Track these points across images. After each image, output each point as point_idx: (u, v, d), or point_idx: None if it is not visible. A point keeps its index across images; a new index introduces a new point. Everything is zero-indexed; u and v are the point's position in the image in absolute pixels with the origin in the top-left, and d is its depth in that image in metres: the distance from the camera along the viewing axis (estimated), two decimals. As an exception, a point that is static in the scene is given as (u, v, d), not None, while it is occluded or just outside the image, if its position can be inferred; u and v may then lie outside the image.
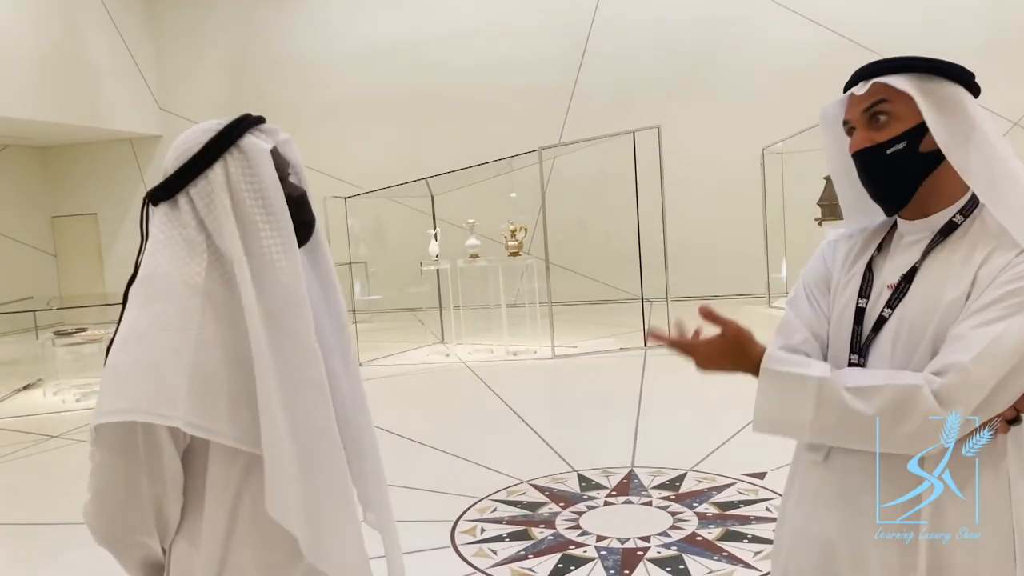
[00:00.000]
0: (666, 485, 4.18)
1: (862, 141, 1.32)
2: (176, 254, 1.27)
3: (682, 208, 10.32)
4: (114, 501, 1.27)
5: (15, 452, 5.83)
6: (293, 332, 1.27)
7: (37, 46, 11.55)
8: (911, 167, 1.30)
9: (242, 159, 1.28)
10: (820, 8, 11.09)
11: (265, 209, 1.27)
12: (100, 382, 1.27)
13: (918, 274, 1.30)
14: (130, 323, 1.26)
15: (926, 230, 1.33)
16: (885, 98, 1.30)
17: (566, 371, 7.68)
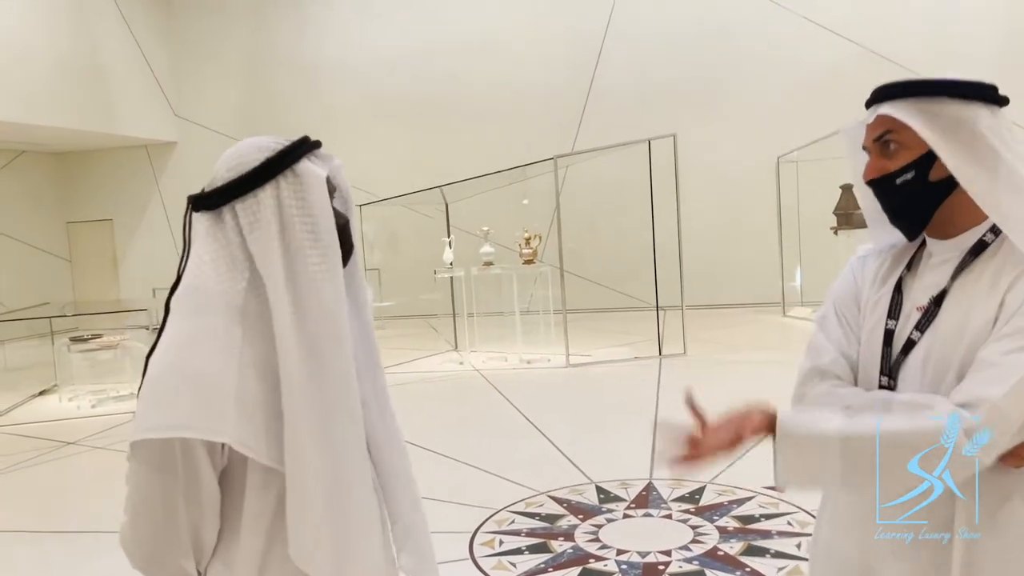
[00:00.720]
0: (686, 498, 4.14)
1: (873, 171, 1.32)
2: (219, 269, 1.26)
3: (697, 216, 10.29)
4: (151, 523, 1.25)
5: (31, 458, 5.84)
6: (330, 357, 1.25)
7: (54, 52, 11.63)
8: (922, 196, 1.29)
9: (296, 183, 1.26)
10: (836, 17, 11.04)
11: (314, 235, 1.25)
12: (140, 395, 1.24)
13: (947, 297, 1.28)
14: (173, 334, 1.24)
15: (955, 250, 1.30)
16: (891, 128, 1.29)
17: (580, 380, 7.65)
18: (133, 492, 1.25)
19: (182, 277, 1.29)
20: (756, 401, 1.31)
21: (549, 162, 8.54)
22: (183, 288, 1.28)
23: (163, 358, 1.23)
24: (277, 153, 1.27)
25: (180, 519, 1.24)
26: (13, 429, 6.81)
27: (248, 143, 1.31)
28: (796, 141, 10.06)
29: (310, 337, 1.23)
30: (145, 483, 1.23)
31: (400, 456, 1.49)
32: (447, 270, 9.14)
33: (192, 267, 1.28)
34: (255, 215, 1.25)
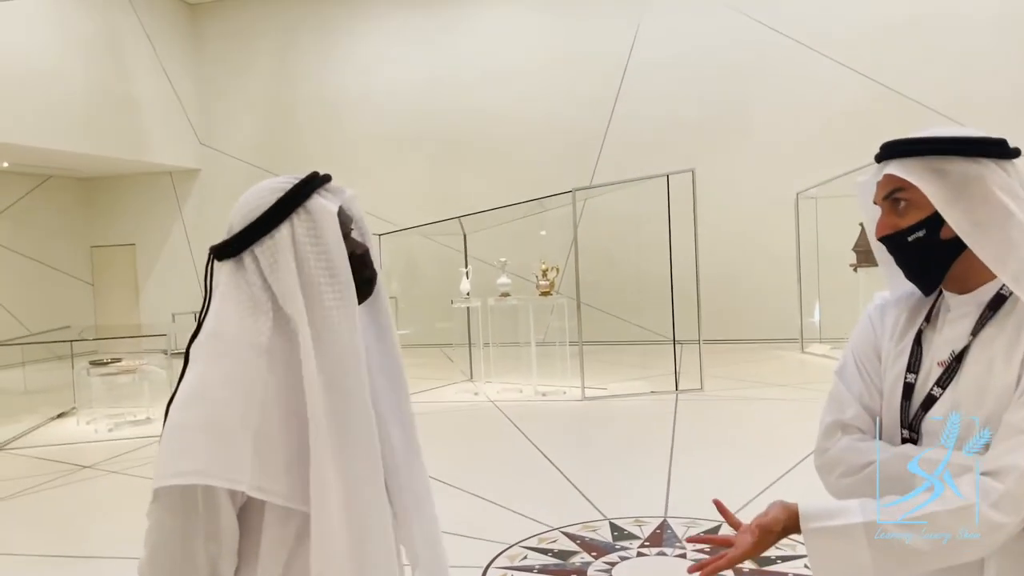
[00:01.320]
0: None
1: (885, 227, 1.32)
2: (242, 313, 1.28)
3: (715, 251, 10.27)
4: (170, 560, 1.26)
5: (48, 481, 5.87)
6: (350, 394, 1.27)
7: (84, 80, 11.91)
8: (935, 254, 1.28)
9: (308, 220, 1.28)
10: (857, 55, 11.09)
11: (329, 271, 1.27)
12: (162, 441, 1.26)
13: (969, 354, 1.26)
14: (194, 381, 1.26)
15: (973, 304, 1.29)
16: (900, 186, 1.28)
17: (596, 413, 7.60)
18: (153, 529, 1.26)
19: (202, 325, 1.31)
20: (776, 502, 1.32)
21: (568, 195, 8.59)
22: (204, 335, 1.30)
23: (183, 405, 1.25)
24: (287, 192, 1.29)
25: (199, 557, 1.25)
26: (31, 451, 6.86)
27: (259, 187, 1.34)
28: (816, 177, 10.06)
29: (331, 375, 1.25)
30: (166, 523, 1.25)
31: (425, 491, 1.50)
32: (464, 300, 9.17)
33: (213, 313, 1.30)
34: (274, 256, 1.27)
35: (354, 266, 1.33)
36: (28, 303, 13.09)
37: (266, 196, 1.30)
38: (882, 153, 1.33)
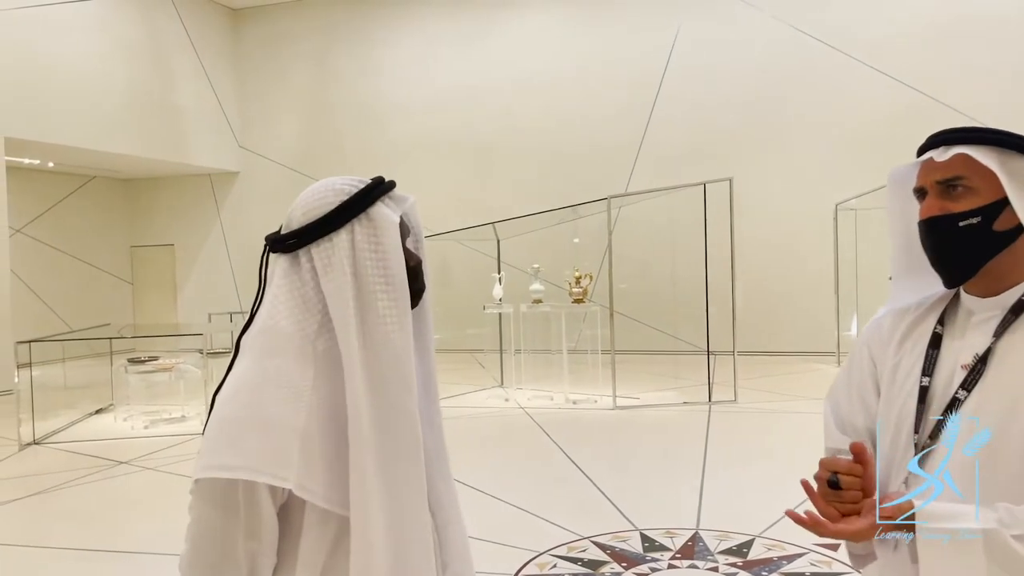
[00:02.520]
0: (733, 551, 4.02)
1: (934, 208, 1.27)
2: (294, 311, 1.27)
3: (752, 261, 10.16)
4: (210, 555, 1.26)
5: (85, 476, 5.97)
6: (397, 400, 1.26)
7: (128, 84, 12.17)
8: (982, 244, 1.25)
9: (370, 228, 1.28)
10: (899, 64, 10.91)
11: (386, 279, 1.26)
12: (207, 432, 1.25)
13: (994, 356, 1.24)
14: (243, 374, 1.26)
15: (997, 308, 1.27)
16: (963, 174, 1.25)
17: (627, 423, 7.54)
18: (194, 524, 1.26)
19: (255, 317, 1.31)
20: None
21: (602, 202, 8.55)
22: (256, 328, 1.29)
23: (232, 398, 1.25)
24: (352, 197, 1.28)
25: (238, 553, 1.25)
26: (69, 446, 6.99)
27: (324, 185, 1.32)
28: (856, 188, 9.90)
29: (378, 381, 1.24)
30: (206, 517, 1.25)
31: (452, 496, 1.48)
32: (496, 306, 9.16)
33: (267, 308, 1.29)
34: (329, 259, 1.26)
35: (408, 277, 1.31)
36: (70, 301, 13.38)
37: (329, 197, 1.29)
38: (941, 138, 1.29)
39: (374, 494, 1.23)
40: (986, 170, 1.24)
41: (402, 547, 1.26)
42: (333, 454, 1.24)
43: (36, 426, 7.24)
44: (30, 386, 7.32)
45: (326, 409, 1.24)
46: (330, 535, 1.26)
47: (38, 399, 7.46)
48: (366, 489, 1.22)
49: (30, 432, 7.15)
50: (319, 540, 1.26)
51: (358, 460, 1.22)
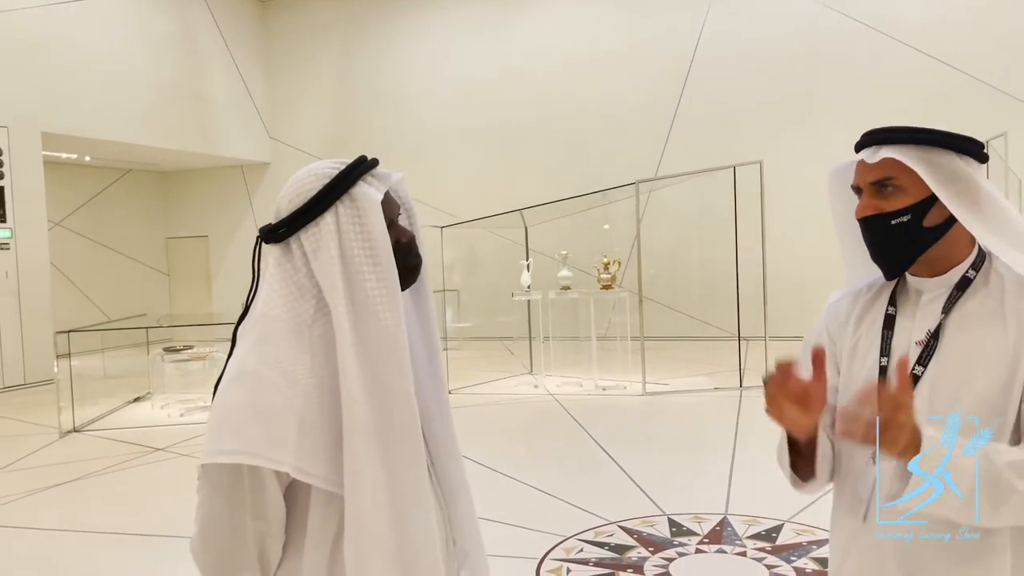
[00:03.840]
0: (762, 535, 4.00)
1: (869, 208, 1.36)
2: (288, 298, 1.29)
3: (783, 244, 10.02)
4: (219, 536, 1.29)
5: (123, 463, 6.11)
6: (391, 380, 1.26)
7: (163, 78, 12.35)
8: (914, 239, 1.34)
9: (353, 208, 1.28)
10: (934, 40, 10.64)
11: (372, 259, 1.27)
12: (209, 420, 1.29)
13: (945, 331, 1.33)
14: (241, 362, 1.28)
15: (943, 286, 1.36)
16: (892, 175, 1.33)
17: (657, 409, 7.51)
18: (202, 507, 1.29)
19: (250, 307, 1.33)
20: None
21: (631, 187, 8.49)
22: (252, 318, 1.32)
23: (230, 385, 1.27)
24: (332, 179, 1.29)
25: (246, 534, 1.28)
26: (108, 433, 7.16)
27: (307, 171, 1.34)
28: (890, 169, 9.70)
29: (371, 362, 1.25)
30: (213, 500, 1.28)
31: (461, 474, 1.49)
32: (525, 293, 9.16)
33: (262, 297, 1.31)
34: (317, 243, 1.28)
35: (400, 253, 1.33)
36: (108, 292, 13.65)
37: (312, 182, 1.30)
38: (871, 139, 1.37)
39: (370, 475, 1.23)
40: (912, 170, 1.32)
41: (404, 526, 1.27)
42: (334, 437, 1.25)
43: (76, 414, 7.41)
44: (69, 375, 7.50)
45: (325, 393, 1.25)
46: (337, 515, 1.27)
47: (78, 388, 7.63)
48: (360, 470, 1.23)
49: (70, 420, 7.32)
50: (326, 519, 1.28)
51: (352, 441, 1.23)
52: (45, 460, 6.40)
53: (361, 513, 1.24)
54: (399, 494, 1.27)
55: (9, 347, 10.12)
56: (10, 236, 10.21)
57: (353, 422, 1.23)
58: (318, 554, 1.29)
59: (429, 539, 1.31)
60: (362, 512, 1.24)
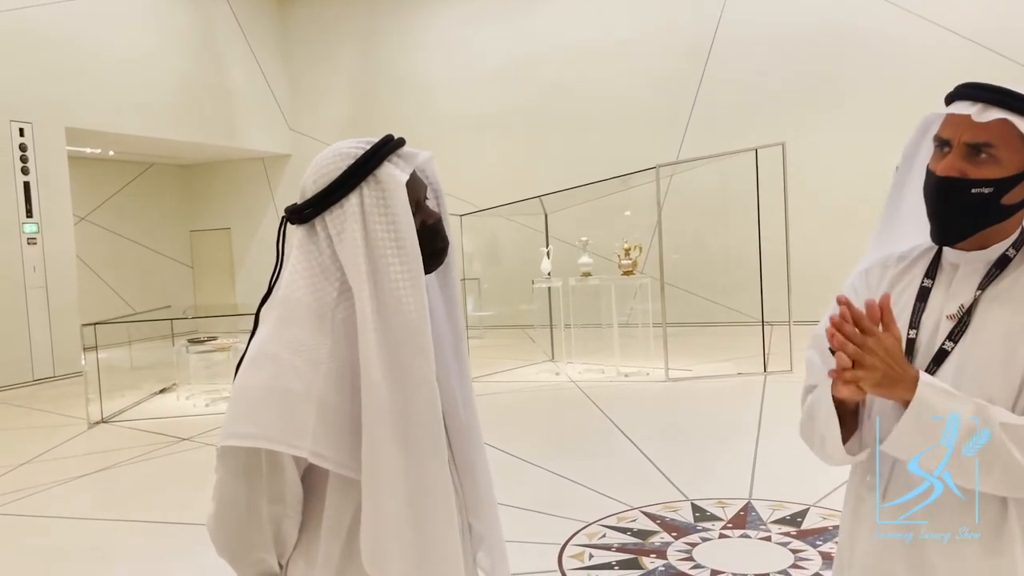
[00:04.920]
0: (787, 520, 3.96)
1: (951, 168, 1.26)
2: (313, 280, 1.27)
3: (806, 228, 9.89)
4: (235, 517, 1.28)
5: (150, 452, 6.19)
6: (412, 367, 1.24)
7: (184, 72, 12.42)
8: (986, 213, 1.27)
9: (378, 190, 1.26)
10: (961, 17, 10.42)
11: (396, 242, 1.24)
12: (229, 401, 1.28)
13: (978, 308, 1.27)
14: (262, 344, 1.27)
15: (982, 261, 1.31)
16: (993, 142, 1.23)
17: (680, 395, 7.47)
18: (219, 488, 1.29)
19: (273, 288, 1.32)
20: None
21: (651, 171, 8.41)
22: (275, 299, 1.30)
23: (250, 368, 1.26)
24: (357, 160, 1.27)
25: (263, 516, 1.27)
26: (135, 424, 7.25)
27: (332, 150, 1.31)
28: (915, 150, 9.53)
29: (392, 347, 1.23)
30: (231, 482, 1.28)
31: (482, 459, 1.48)
32: (545, 280, 9.13)
33: (286, 278, 1.30)
34: (341, 224, 1.25)
35: (426, 236, 1.30)
36: (134, 285, 13.81)
37: (337, 163, 1.28)
38: (979, 94, 1.26)
39: (388, 462, 1.22)
40: (1016, 141, 1.22)
41: (421, 513, 1.26)
42: (353, 422, 1.23)
43: (104, 405, 7.52)
44: (96, 367, 7.60)
45: (346, 377, 1.24)
46: (354, 500, 1.26)
47: (105, 380, 7.74)
48: (379, 456, 1.22)
49: (98, 411, 7.42)
50: (343, 504, 1.27)
51: (371, 427, 1.22)
52: (74, 451, 6.50)
53: (378, 499, 1.23)
54: (417, 481, 1.25)
55: (38, 340, 10.26)
56: (36, 231, 10.34)
57: (373, 408, 1.22)
58: (334, 538, 1.28)
59: (448, 527, 1.29)
60: (379, 498, 1.23)
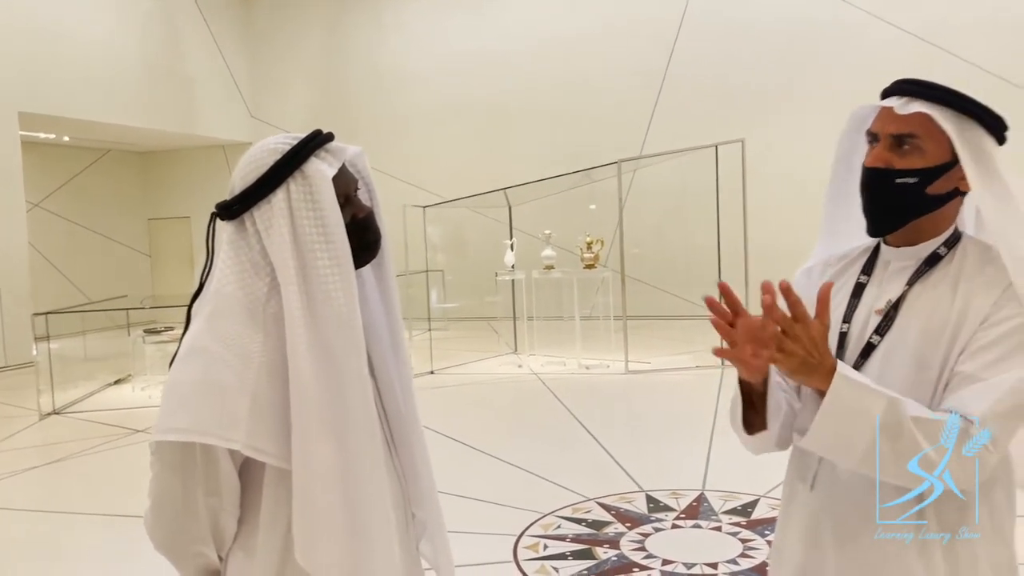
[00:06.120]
0: (738, 511, 4.03)
1: (880, 160, 1.31)
2: (242, 275, 1.27)
3: (765, 223, 10.03)
4: (172, 511, 1.28)
5: (103, 444, 6.09)
6: (343, 361, 1.25)
7: (140, 56, 12.17)
8: (913, 203, 1.30)
9: (305, 185, 1.26)
10: (913, 16, 10.63)
11: (324, 237, 1.25)
12: (162, 396, 1.28)
13: (905, 302, 1.31)
14: (193, 339, 1.27)
15: (913, 258, 1.34)
16: (917, 132, 1.28)
17: (639, 387, 7.55)
18: (154, 483, 1.29)
19: (205, 284, 1.32)
20: None
21: (614, 166, 8.46)
22: (206, 294, 1.30)
23: (183, 363, 1.26)
24: (284, 155, 1.27)
25: (199, 509, 1.27)
26: (88, 416, 7.12)
27: (260, 146, 1.31)
28: (872, 148, 9.72)
29: (323, 341, 1.23)
30: (166, 477, 1.27)
31: (422, 448, 1.49)
32: (508, 273, 9.15)
33: (216, 274, 1.30)
34: (269, 219, 1.26)
35: (357, 229, 1.31)
36: (89, 274, 13.54)
37: (265, 158, 1.28)
38: (905, 88, 1.31)
39: (318, 453, 1.22)
40: (940, 133, 1.26)
41: (355, 503, 1.26)
42: (287, 415, 1.23)
43: (56, 396, 7.37)
44: (48, 357, 7.44)
45: (278, 371, 1.24)
46: (291, 493, 1.26)
47: (58, 370, 7.59)
48: (309, 448, 1.22)
49: (50, 402, 7.28)
50: (280, 497, 1.27)
51: (301, 419, 1.22)
52: (24, 442, 6.38)
53: (309, 493, 1.23)
54: (351, 472, 1.25)
55: (-11, 329, 10.03)
56: (-13, 217, 10.09)
57: (302, 400, 1.22)
58: (273, 531, 1.29)
59: (383, 516, 1.30)
60: (310, 492, 1.23)
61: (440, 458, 1.58)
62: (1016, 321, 1.22)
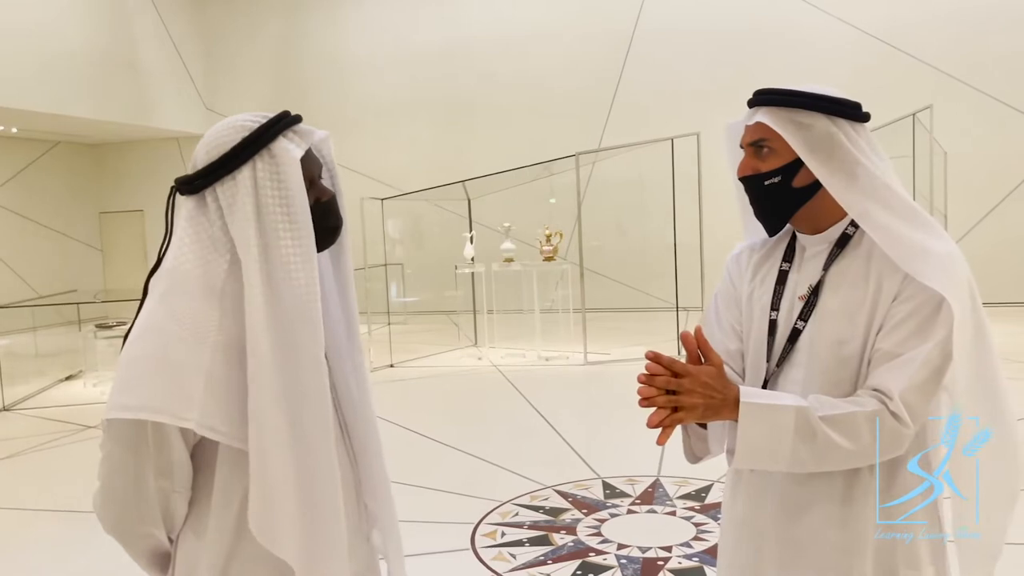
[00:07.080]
0: (692, 496, 4.12)
1: (746, 168, 1.44)
2: (201, 251, 1.26)
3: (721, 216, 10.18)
4: (121, 493, 1.27)
5: (54, 441, 5.98)
6: (301, 342, 1.25)
7: (89, 45, 11.86)
8: (785, 200, 1.40)
9: (272, 164, 1.25)
10: (867, 16, 10.88)
11: (289, 217, 1.24)
12: (115, 373, 1.26)
13: (824, 286, 1.39)
14: (148, 316, 1.25)
15: (824, 243, 1.42)
16: (765, 136, 1.39)
17: (597, 378, 7.63)
18: (105, 462, 1.28)
19: (162, 260, 1.30)
20: None
21: (573, 159, 8.52)
22: (162, 271, 1.28)
23: (137, 339, 1.24)
24: (252, 132, 1.26)
25: (149, 490, 1.26)
26: (39, 412, 6.98)
27: (227, 122, 1.29)
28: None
29: (282, 321, 1.23)
30: (116, 456, 1.26)
31: (374, 437, 1.48)
32: (468, 266, 9.16)
33: (173, 250, 1.28)
34: (233, 196, 1.24)
35: (320, 213, 1.30)
36: (38, 268, 13.20)
37: (231, 134, 1.26)
38: (754, 99, 1.44)
39: (274, 432, 1.22)
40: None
41: (308, 487, 1.26)
42: (241, 394, 1.23)
43: (5, 393, 7.21)
44: (-4, 353, 7.28)
45: (234, 350, 1.23)
46: (244, 474, 1.25)
47: (8, 366, 7.41)
48: (265, 426, 1.22)
49: (0, 399, 7.11)
50: (234, 476, 1.27)
51: (257, 398, 1.22)
52: (-28, 440, 6.22)
53: (266, 469, 1.22)
54: (304, 456, 1.25)
55: (-67, 326, 9.73)
56: (-70, 210, 9.78)
57: (259, 379, 1.21)
58: (224, 512, 1.28)
59: (333, 502, 1.30)
60: (267, 468, 1.22)
61: (399, 449, 1.60)
62: (922, 296, 1.29)
